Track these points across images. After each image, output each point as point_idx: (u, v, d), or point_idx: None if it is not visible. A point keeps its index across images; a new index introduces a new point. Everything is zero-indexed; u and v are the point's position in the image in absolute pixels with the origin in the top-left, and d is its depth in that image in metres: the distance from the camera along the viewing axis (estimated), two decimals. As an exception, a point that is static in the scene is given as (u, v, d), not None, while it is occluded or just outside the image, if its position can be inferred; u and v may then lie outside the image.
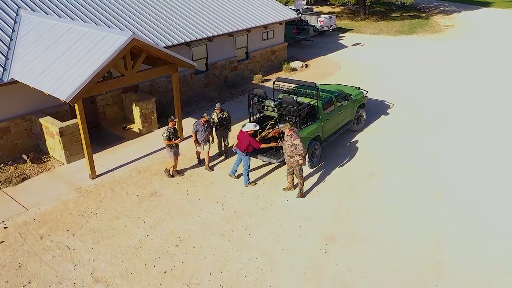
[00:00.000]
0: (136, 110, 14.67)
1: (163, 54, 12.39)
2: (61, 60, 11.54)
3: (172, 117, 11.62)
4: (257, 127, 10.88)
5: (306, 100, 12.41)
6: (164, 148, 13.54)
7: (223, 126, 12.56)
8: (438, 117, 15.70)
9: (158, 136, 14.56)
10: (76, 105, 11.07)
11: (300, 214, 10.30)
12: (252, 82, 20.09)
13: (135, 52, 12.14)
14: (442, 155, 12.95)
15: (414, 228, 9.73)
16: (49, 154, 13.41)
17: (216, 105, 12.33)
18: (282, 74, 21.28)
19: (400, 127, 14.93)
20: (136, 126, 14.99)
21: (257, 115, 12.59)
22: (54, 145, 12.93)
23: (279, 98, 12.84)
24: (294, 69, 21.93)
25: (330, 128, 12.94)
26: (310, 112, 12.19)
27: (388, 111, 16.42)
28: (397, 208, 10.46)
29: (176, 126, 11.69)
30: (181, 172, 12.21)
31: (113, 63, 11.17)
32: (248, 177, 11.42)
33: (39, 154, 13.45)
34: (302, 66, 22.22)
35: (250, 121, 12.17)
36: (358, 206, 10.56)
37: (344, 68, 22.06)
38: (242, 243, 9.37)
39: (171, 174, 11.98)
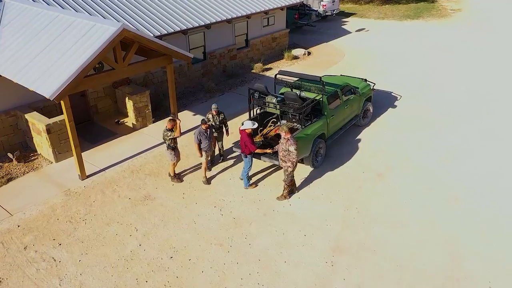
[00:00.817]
0: (129, 104, 13.83)
1: (156, 45, 11.49)
2: (45, 52, 10.65)
3: (171, 117, 10.72)
4: (255, 125, 10.04)
5: (310, 95, 11.58)
6: (158, 145, 12.90)
7: (219, 129, 11.47)
8: (449, 111, 14.86)
9: (153, 131, 13.79)
10: (62, 102, 10.25)
11: (304, 220, 9.57)
12: (252, 71, 19.18)
13: (127, 42, 11.26)
14: (455, 154, 12.15)
15: (427, 238, 9.02)
16: (36, 152, 12.63)
17: (213, 106, 11.20)
18: (283, 63, 20.37)
19: (409, 122, 14.11)
20: (130, 120, 14.17)
21: (258, 111, 11.77)
22: (42, 142, 12.14)
23: (282, 94, 12.02)
24: (296, 57, 20.98)
25: (336, 125, 12.14)
26: (314, 107, 11.36)
27: (396, 103, 15.58)
28: (409, 214, 9.72)
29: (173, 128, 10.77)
30: (180, 178, 11.36)
31: (101, 56, 10.30)
32: (248, 180, 10.67)
33: (26, 151, 12.67)
34: (305, 54, 21.27)
35: (250, 118, 11.35)
36: (367, 211, 9.83)
37: (348, 56, 21.12)
38: (242, 255, 8.66)
39: (177, 176, 11.17)
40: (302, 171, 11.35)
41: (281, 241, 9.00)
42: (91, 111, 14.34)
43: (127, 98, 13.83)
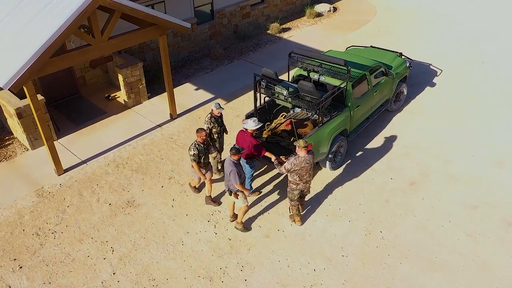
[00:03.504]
0: (119, 78, 11.83)
1: (142, 14, 9.28)
2: (1, 27, 8.63)
3: (202, 128, 8.11)
4: (258, 126, 8.08)
5: (331, 81, 9.35)
6: (151, 130, 11.09)
7: (221, 136, 9.10)
8: (505, 95, 12.16)
9: (147, 110, 11.93)
10: (25, 89, 8.38)
11: (315, 247, 7.78)
12: (268, 32, 16.68)
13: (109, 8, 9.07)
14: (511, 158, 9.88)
15: (478, 284, 7.11)
16: (13, 135, 11.01)
17: (214, 106, 8.58)
18: (304, 21, 17.70)
19: (451, 108, 11.72)
20: (122, 96, 12.26)
21: (266, 98, 9.63)
22: (15, 126, 10.47)
23: (296, 77, 9.84)
24: (319, 15, 18.22)
25: (361, 116, 9.96)
26: (336, 95, 9.13)
27: (435, 80, 13.07)
28: (449, 246, 7.76)
29: (208, 139, 8.42)
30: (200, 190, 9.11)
31: (71, 31, 8.24)
32: (251, 186, 8.82)
33: (2, 133, 11.08)
34: (329, 11, 18.45)
35: (255, 109, 9.27)
36: (394, 238, 7.93)
37: (381, 14, 18.19)
38: (235, 295, 7.04)
39: (213, 199, 8.80)
40: (317, 175, 9.41)
41: (284, 277, 7.28)
42: (78, 84, 12.45)
43: (117, 72, 11.83)
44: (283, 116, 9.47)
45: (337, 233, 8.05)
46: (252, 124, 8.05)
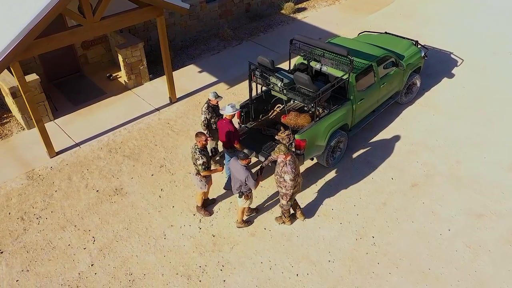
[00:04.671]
0: (119, 58, 11.50)
1: (135, -6, 8.84)
2: (-10, 3, 8.36)
3: (202, 132, 7.24)
4: (236, 111, 7.71)
5: (333, 72, 8.72)
6: (149, 114, 10.79)
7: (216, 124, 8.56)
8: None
9: (147, 91, 11.62)
10: (12, 69, 8.14)
11: (300, 251, 7.39)
12: (282, 12, 15.92)
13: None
14: (524, 159, 9.13)
15: (463, 298, 6.63)
16: (11, 113, 10.92)
17: (212, 95, 8.08)
18: (321, 1, 16.83)
19: (467, 103, 10.89)
20: (122, 76, 11.95)
21: (263, 88, 9.10)
22: (11, 105, 10.35)
23: (297, 65, 9.25)
24: (338, -6, 17.24)
25: (365, 110, 9.33)
26: (338, 87, 8.52)
27: (454, 71, 12.17)
28: (445, 257, 7.23)
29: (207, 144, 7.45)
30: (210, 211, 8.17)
31: (58, 10, 7.87)
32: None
33: (1, 111, 11.00)
34: (350, -10, 17.40)
35: (251, 99, 8.76)
36: (386, 245, 7.44)
37: (404, -5, 17.05)
38: (211, 297, 6.77)
39: (206, 209, 8.10)
40: (311, 170, 8.93)
41: (265, 280, 6.95)
42: (79, 62, 12.20)
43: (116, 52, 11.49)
44: (279, 108, 8.96)
45: (326, 235, 7.62)
46: (229, 110, 7.64)
